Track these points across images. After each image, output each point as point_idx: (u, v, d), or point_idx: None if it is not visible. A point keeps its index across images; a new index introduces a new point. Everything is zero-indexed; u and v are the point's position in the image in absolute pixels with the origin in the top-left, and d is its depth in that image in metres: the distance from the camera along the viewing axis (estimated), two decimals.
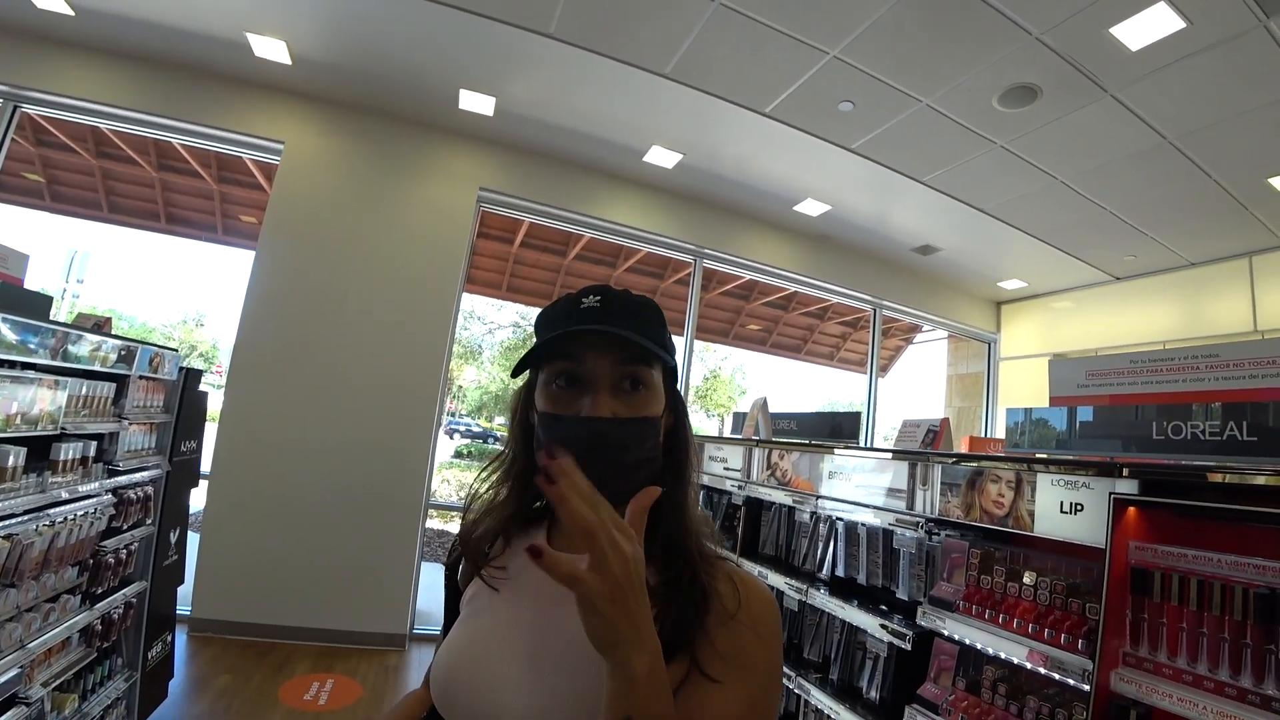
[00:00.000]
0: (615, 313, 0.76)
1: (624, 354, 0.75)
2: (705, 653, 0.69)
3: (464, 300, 5.22)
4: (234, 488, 4.38)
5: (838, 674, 2.56)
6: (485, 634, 0.78)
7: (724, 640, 0.70)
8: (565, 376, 0.76)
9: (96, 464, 2.51)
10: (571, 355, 0.76)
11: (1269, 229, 4.95)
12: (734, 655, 0.69)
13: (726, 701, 0.67)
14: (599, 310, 0.76)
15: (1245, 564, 1.37)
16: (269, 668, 3.91)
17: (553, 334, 0.75)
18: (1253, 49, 3.07)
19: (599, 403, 0.74)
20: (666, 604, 0.71)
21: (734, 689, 0.68)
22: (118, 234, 61.67)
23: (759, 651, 0.71)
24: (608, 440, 0.73)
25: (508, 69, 4.11)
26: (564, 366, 0.76)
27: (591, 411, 0.74)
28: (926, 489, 2.19)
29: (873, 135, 4.32)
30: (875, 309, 7.03)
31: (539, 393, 0.80)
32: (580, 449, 0.71)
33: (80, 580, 2.44)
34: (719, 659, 0.68)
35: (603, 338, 0.75)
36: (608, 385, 0.75)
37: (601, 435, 0.73)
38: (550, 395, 0.78)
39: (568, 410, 0.75)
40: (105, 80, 4.37)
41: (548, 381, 0.78)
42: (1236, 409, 1.75)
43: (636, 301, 0.80)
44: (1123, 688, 1.46)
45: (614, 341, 0.75)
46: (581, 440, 0.72)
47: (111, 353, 2.56)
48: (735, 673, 0.68)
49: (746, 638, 0.71)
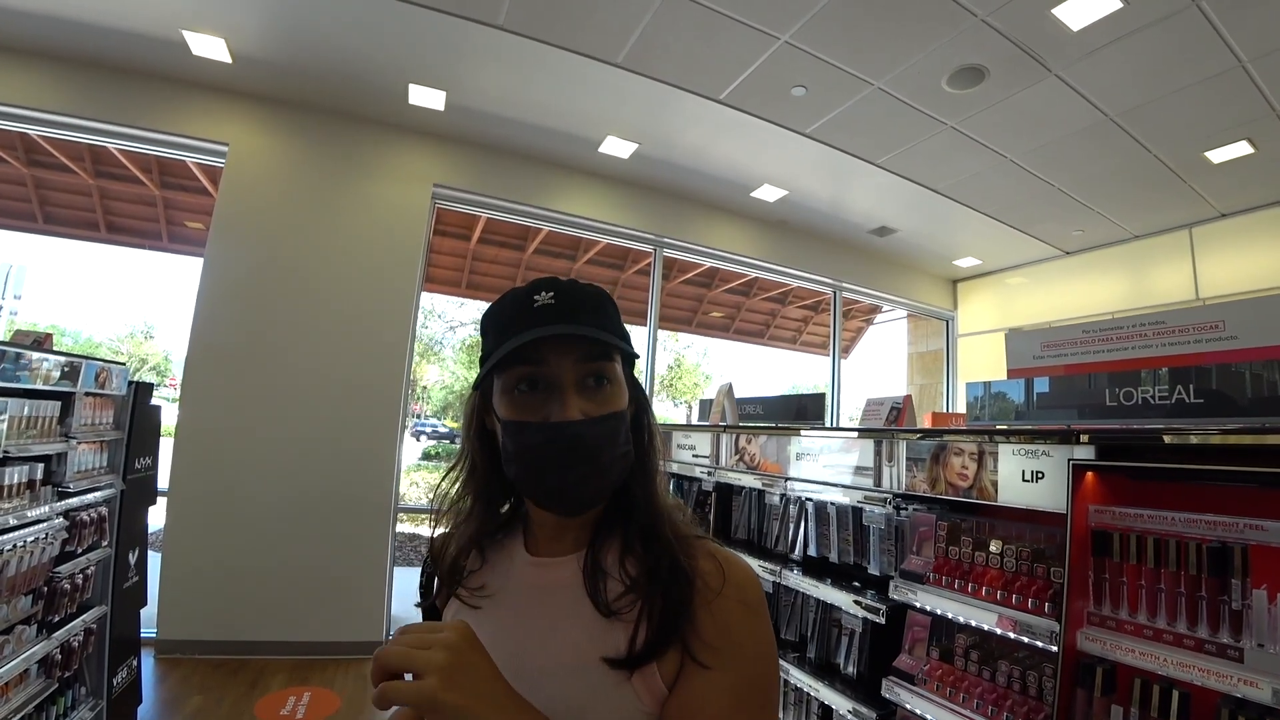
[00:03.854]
0: (572, 308, 0.73)
1: (586, 352, 0.73)
2: (696, 639, 0.68)
3: (424, 299, 5.13)
4: (195, 503, 4.24)
5: (815, 652, 2.60)
6: None
7: (712, 620, 0.69)
8: (527, 381, 0.73)
9: (45, 486, 2.41)
10: (531, 359, 0.72)
11: (1207, 201, 5.16)
12: (725, 634, 0.69)
13: (723, 689, 0.67)
14: (554, 308, 0.73)
15: (1197, 520, 1.44)
16: (242, 685, 3.81)
17: (514, 339, 0.71)
18: (1186, 28, 3.18)
19: (568, 405, 0.72)
20: (650, 594, 0.71)
21: (728, 673, 0.67)
22: (56, 246, 59.08)
23: (749, 624, 0.71)
24: (584, 443, 0.71)
25: (458, 62, 4.03)
26: (525, 371, 0.73)
27: (562, 415, 0.71)
28: (892, 465, 2.24)
29: (826, 119, 4.36)
30: (835, 291, 7.13)
31: (499, 399, 0.76)
32: (556, 455, 0.71)
33: (35, 609, 2.34)
34: (711, 643, 0.68)
35: (565, 340, 0.72)
36: (573, 385, 0.73)
37: (577, 438, 0.71)
38: (513, 401, 0.74)
39: (535, 416, 0.73)
40: (33, 84, 4.14)
41: (508, 387, 0.75)
42: (1183, 373, 1.83)
43: (590, 293, 0.77)
44: (1089, 646, 1.51)
45: (574, 339, 0.72)
46: (557, 446, 0.71)
47: (54, 370, 2.45)
48: (729, 654, 0.68)
49: (735, 613, 0.70)
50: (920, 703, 1.93)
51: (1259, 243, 5.19)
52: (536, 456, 0.72)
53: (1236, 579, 1.34)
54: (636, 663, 0.67)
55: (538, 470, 0.73)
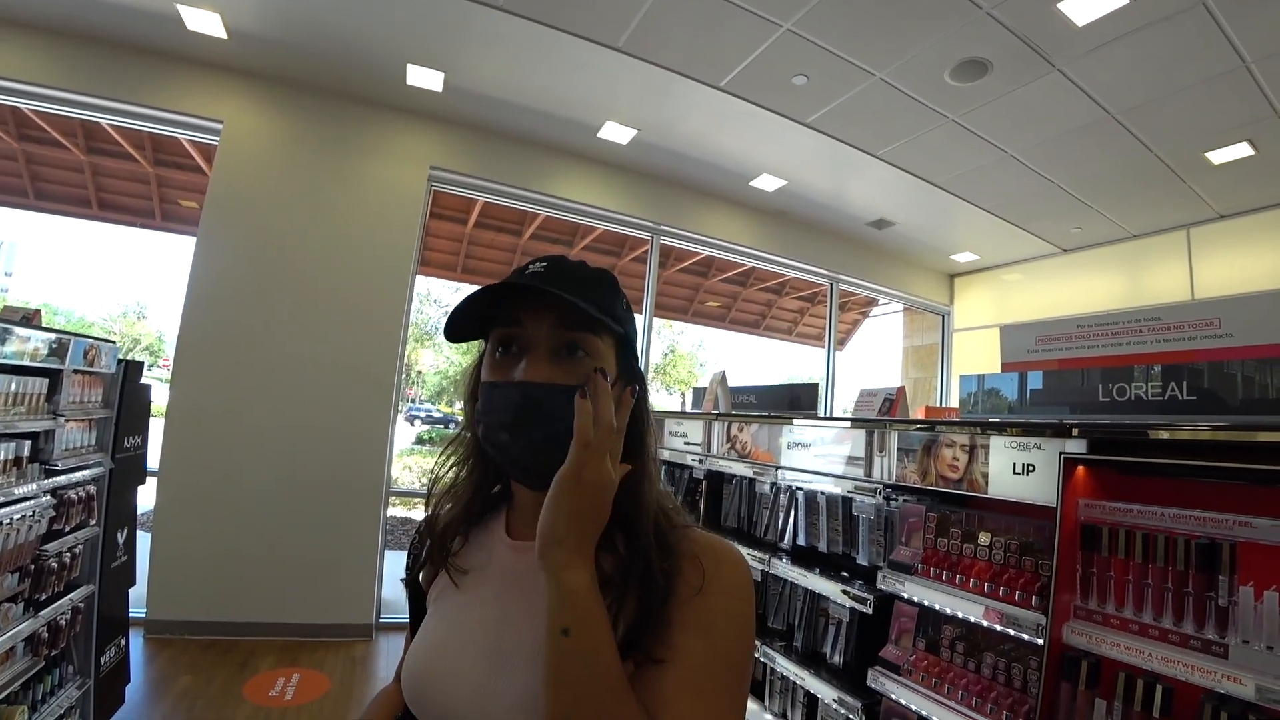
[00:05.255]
0: (559, 277, 0.73)
1: (563, 318, 0.71)
2: (659, 636, 0.65)
3: (419, 283, 5.10)
4: (185, 483, 4.23)
5: (801, 640, 2.61)
6: (451, 632, 0.77)
7: (681, 619, 0.66)
8: (504, 344, 0.74)
9: (32, 464, 2.39)
10: (510, 320, 0.72)
11: (1206, 202, 5.15)
12: (692, 626, 0.66)
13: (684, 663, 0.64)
14: (541, 275, 0.73)
15: (1187, 516, 1.44)
16: (232, 666, 3.82)
17: (479, 291, 0.70)
18: (1191, 26, 3.16)
19: (534, 368, 0.71)
20: (622, 596, 0.68)
21: (692, 655, 0.64)
22: (47, 222, 58.59)
23: (722, 609, 0.68)
24: (539, 405, 0.69)
25: (457, 43, 3.99)
26: (504, 333, 0.73)
27: (525, 376, 0.70)
28: (884, 456, 2.23)
29: (827, 109, 4.33)
30: (832, 283, 7.12)
31: (484, 365, 0.76)
32: (510, 415, 0.69)
33: (22, 587, 2.32)
34: (673, 639, 0.65)
35: (544, 298, 0.70)
36: (546, 351, 0.72)
37: (532, 400, 0.69)
38: (492, 364, 0.74)
39: (504, 376, 0.72)
40: (25, 57, 4.08)
41: (491, 351, 0.75)
42: (1175, 370, 1.82)
43: (587, 270, 0.77)
44: (1074, 639, 1.52)
45: (554, 305, 0.71)
46: (510, 405, 0.69)
47: (42, 346, 2.43)
48: (691, 638, 0.65)
49: (717, 604, 0.68)
50: (905, 693, 1.94)
51: (1256, 245, 5.19)
52: (496, 413, 0.71)
53: (1224, 575, 1.34)
54: None
55: (495, 428, 0.71)
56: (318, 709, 3.44)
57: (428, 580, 0.87)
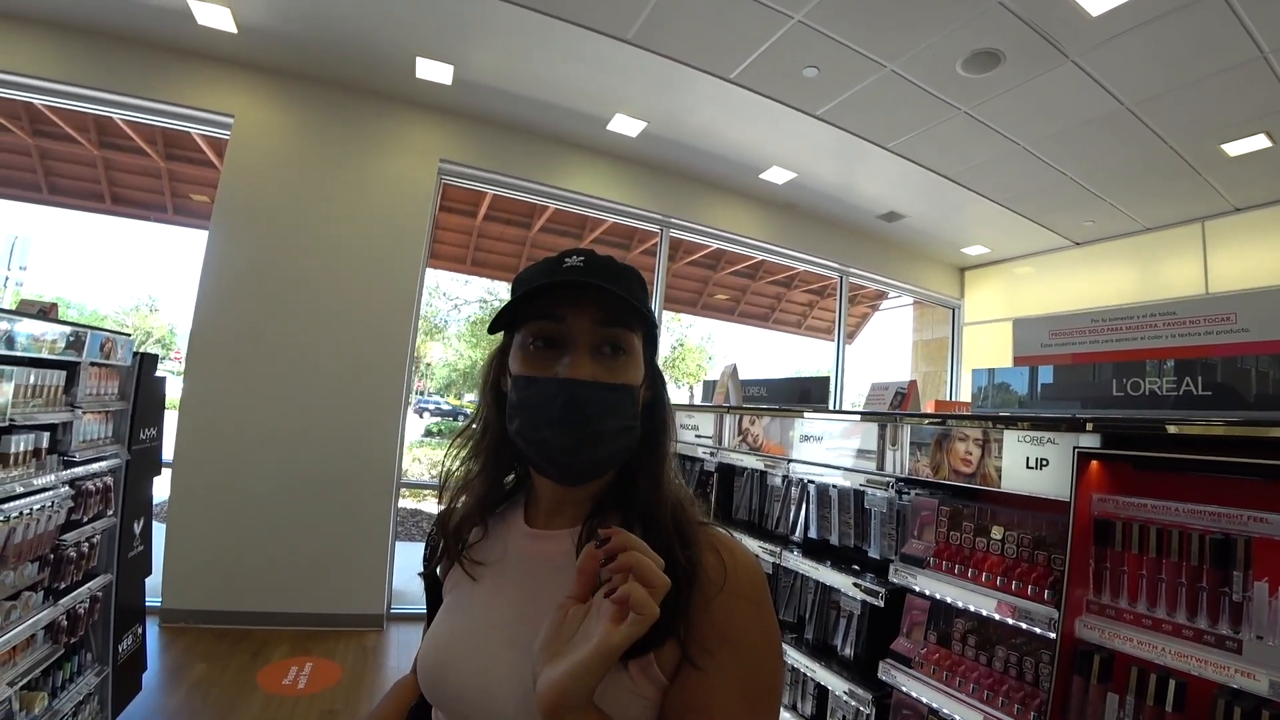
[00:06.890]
0: (599, 272, 0.73)
1: (605, 315, 0.72)
2: (693, 638, 0.66)
3: (428, 276, 5.12)
4: (199, 474, 4.28)
5: (813, 633, 2.62)
6: (471, 624, 0.77)
7: (711, 618, 0.67)
8: (544, 337, 0.73)
9: (51, 455, 2.42)
10: (550, 315, 0.73)
11: (1221, 195, 5.09)
12: (725, 633, 0.66)
13: (723, 689, 0.65)
14: (581, 270, 0.73)
15: (1201, 511, 1.43)
16: (245, 654, 3.87)
17: (533, 287, 0.71)
18: (1207, 16, 3.11)
19: (578, 364, 0.71)
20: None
21: (728, 673, 0.65)
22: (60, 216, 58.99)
23: (751, 620, 0.69)
24: (585, 404, 0.70)
25: (466, 35, 3.98)
26: (542, 326, 0.73)
27: (570, 373, 0.71)
28: (896, 449, 2.23)
29: (837, 101, 4.30)
30: (842, 276, 7.09)
31: (515, 356, 0.76)
32: (556, 412, 0.69)
33: (41, 576, 2.36)
34: (709, 642, 0.66)
35: (585, 294, 0.71)
36: (588, 347, 0.72)
37: (579, 399, 0.70)
38: (526, 357, 0.74)
39: (544, 372, 0.72)
40: (37, 52, 4.10)
41: (524, 343, 0.75)
42: (1188, 365, 1.81)
43: (621, 266, 0.77)
44: (1087, 634, 1.51)
45: (596, 301, 0.72)
46: (559, 402, 0.70)
47: (59, 339, 2.45)
48: (728, 654, 0.66)
49: (737, 607, 0.68)
50: (916, 685, 1.95)
51: (1273, 239, 5.12)
52: (538, 410, 0.71)
53: (1238, 571, 1.34)
54: (629, 653, 0.61)
55: (536, 425, 0.71)
56: (330, 698, 3.48)
57: (444, 573, 0.88)
